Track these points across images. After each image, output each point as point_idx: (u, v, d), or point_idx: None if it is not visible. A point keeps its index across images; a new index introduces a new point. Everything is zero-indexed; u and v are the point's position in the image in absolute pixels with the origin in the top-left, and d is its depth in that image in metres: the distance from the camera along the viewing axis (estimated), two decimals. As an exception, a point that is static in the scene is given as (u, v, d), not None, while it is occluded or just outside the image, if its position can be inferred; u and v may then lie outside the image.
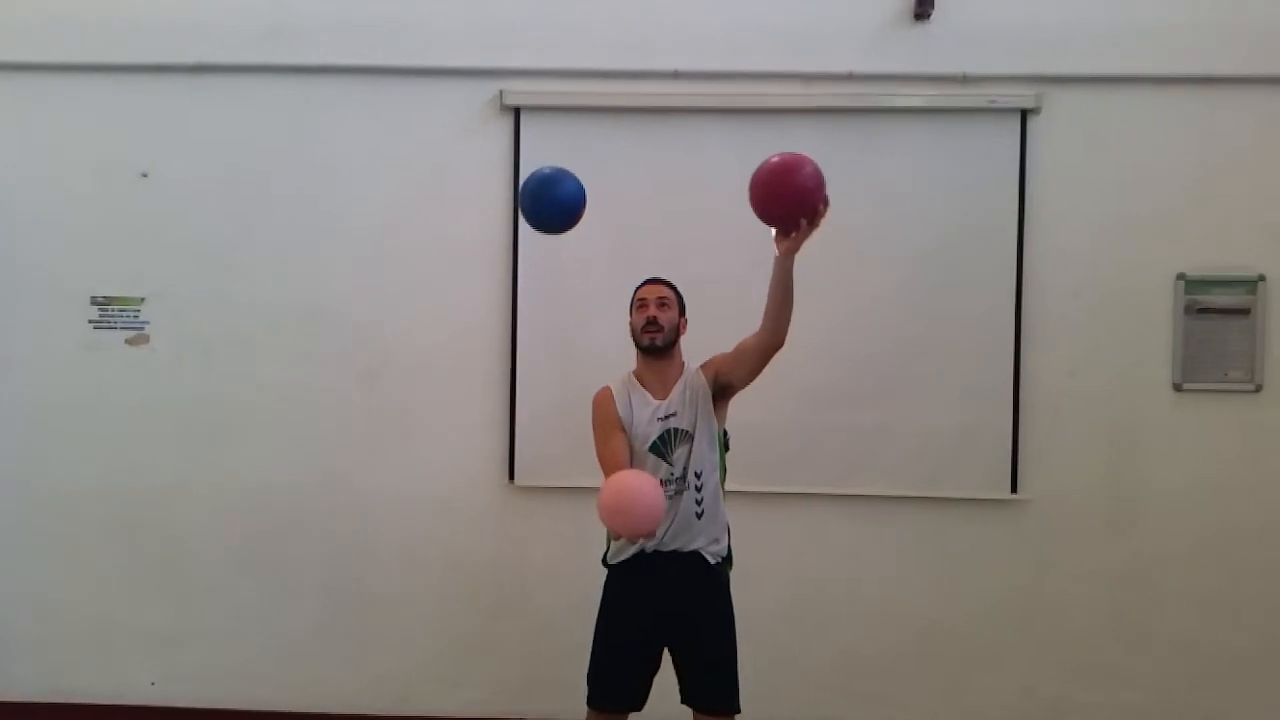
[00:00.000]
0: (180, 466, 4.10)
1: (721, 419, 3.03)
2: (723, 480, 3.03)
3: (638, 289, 3.08)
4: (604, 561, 3.05)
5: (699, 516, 2.93)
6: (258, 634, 4.11)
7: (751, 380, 2.93)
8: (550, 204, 2.83)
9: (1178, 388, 3.94)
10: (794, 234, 2.65)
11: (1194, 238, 3.93)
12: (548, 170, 2.85)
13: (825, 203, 2.64)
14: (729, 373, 2.94)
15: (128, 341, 4.12)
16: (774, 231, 2.70)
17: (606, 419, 2.98)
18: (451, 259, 4.06)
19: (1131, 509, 3.95)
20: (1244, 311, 3.92)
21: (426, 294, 4.06)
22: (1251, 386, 3.92)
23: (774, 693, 3.89)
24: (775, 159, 2.65)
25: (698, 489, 2.92)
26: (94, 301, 4.12)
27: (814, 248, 4.01)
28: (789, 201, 2.63)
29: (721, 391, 2.98)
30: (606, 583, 3.05)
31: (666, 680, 3.01)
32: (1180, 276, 3.93)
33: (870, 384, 3.94)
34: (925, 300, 3.94)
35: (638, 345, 3.04)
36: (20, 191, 4.12)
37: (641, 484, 2.59)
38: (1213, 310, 3.92)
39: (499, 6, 4.04)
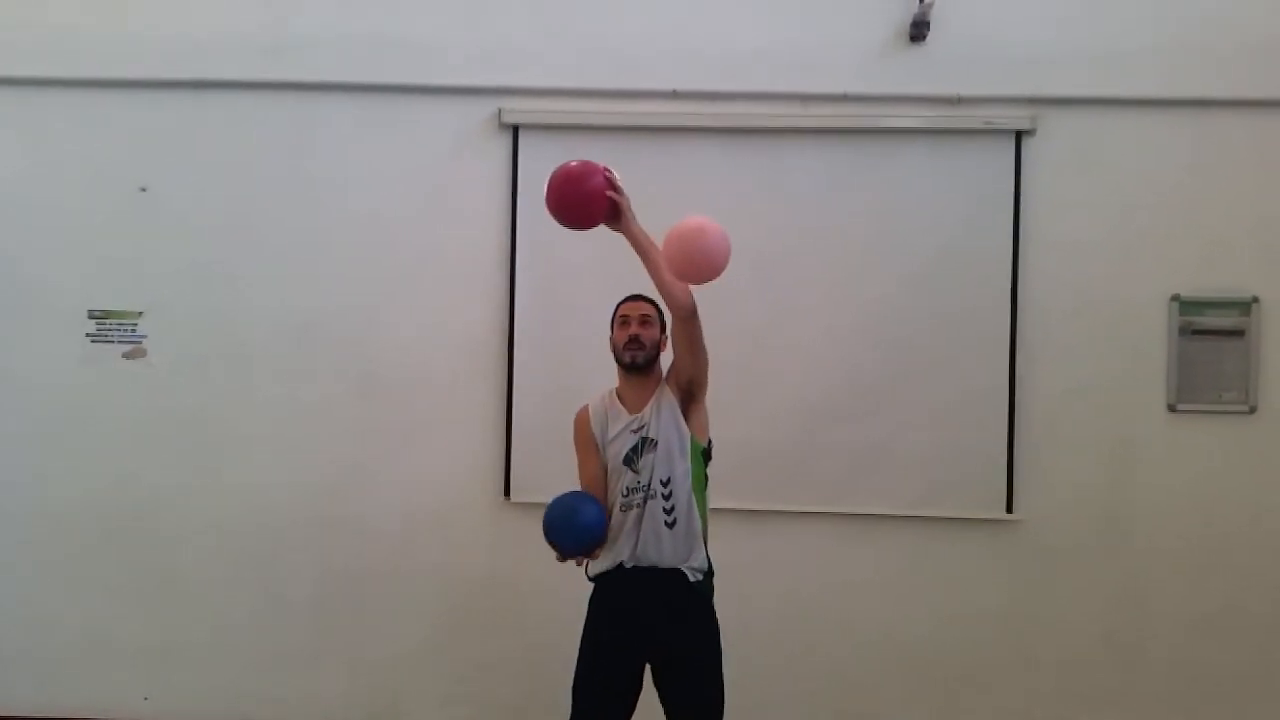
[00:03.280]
0: (176, 480, 4.11)
1: (699, 427, 3.00)
2: (703, 492, 3.00)
3: (619, 305, 3.08)
4: (587, 575, 3.04)
5: (670, 526, 2.91)
6: (252, 649, 4.10)
7: (699, 358, 2.91)
8: (573, 531, 2.90)
9: (1172, 409, 3.95)
10: (618, 212, 2.82)
11: (1188, 259, 3.95)
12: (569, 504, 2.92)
13: (606, 169, 2.84)
14: (680, 367, 2.96)
15: (125, 355, 4.13)
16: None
17: (583, 442, 3.05)
18: (449, 275, 4.08)
19: (1126, 529, 3.96)
20: (1238, 333, 3.93)
21: (424, 310, 4.08)
22: (1245, 408, 3.93)
23: (764, 713, 3.88)
24: (549, 192, 2.82)
25: (665, 496, 2.91)
26: (91, 315, 4.14)
27: (811, 265, 4.01)
28: (591, 198, 2.82)
29: (689, 394, 2.97)
30: (591, 598, 3.04)
31: (651, 702, 2.99)
32: (1174, 298, 3.94)
33: (864, 402, 3.95)
34: (920, 320, 3.95)
35: (619, 362, 3.04)
36: (19, 205, 4.14)
37: (702, 225, 2.76)
38: (1207, 331, 3.94)
39: (498, 25, 4.07)
